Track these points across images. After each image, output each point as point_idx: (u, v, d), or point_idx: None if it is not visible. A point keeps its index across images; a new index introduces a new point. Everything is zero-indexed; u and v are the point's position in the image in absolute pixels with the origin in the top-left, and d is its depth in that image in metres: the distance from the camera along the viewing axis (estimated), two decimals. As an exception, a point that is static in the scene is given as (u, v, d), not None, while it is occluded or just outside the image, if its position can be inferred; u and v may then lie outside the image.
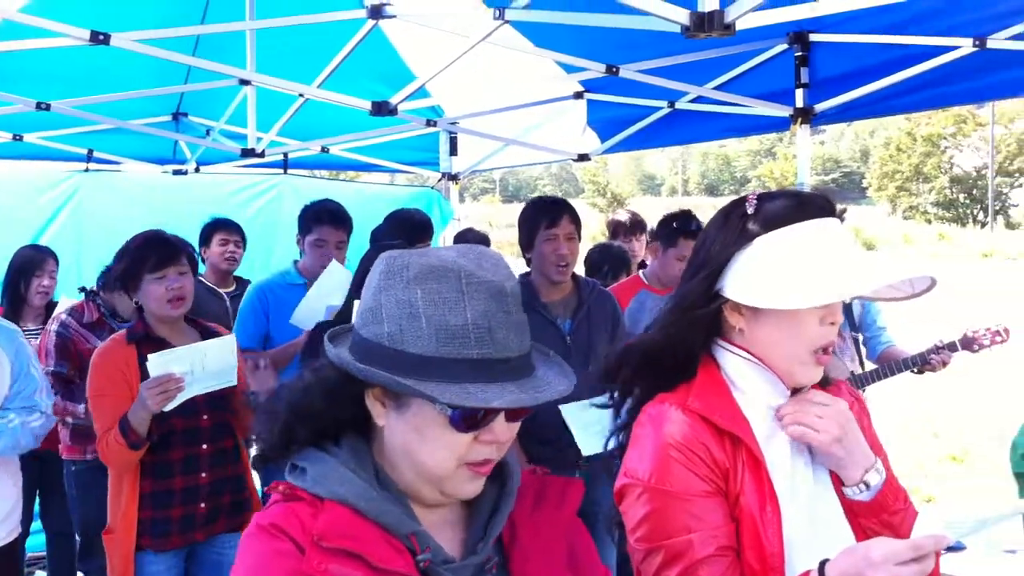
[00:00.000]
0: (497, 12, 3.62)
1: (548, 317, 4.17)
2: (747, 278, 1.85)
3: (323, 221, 4.88)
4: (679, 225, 4.86)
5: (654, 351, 1.94)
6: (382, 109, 4.78)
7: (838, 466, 1.89)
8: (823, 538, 1.84)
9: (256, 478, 4.01)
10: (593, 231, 16.38)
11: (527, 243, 4.28)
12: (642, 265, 6.27)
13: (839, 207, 1.91)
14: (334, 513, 1.46)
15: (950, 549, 1.56)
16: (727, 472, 1.83)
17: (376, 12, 3.95)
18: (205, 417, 3.75)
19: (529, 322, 4.47)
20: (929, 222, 49.64)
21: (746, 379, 1.90)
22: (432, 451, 1.46)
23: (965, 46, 4.29)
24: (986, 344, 4.76)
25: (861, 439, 1.90)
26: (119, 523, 3.66)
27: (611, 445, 2.02)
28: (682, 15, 2.66)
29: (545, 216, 4.23)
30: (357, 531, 1.45)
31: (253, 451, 3.71)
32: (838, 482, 1.90)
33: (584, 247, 4.70)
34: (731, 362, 1.92)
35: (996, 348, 4.79)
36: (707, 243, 1.94)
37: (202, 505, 3.74)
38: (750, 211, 1.88)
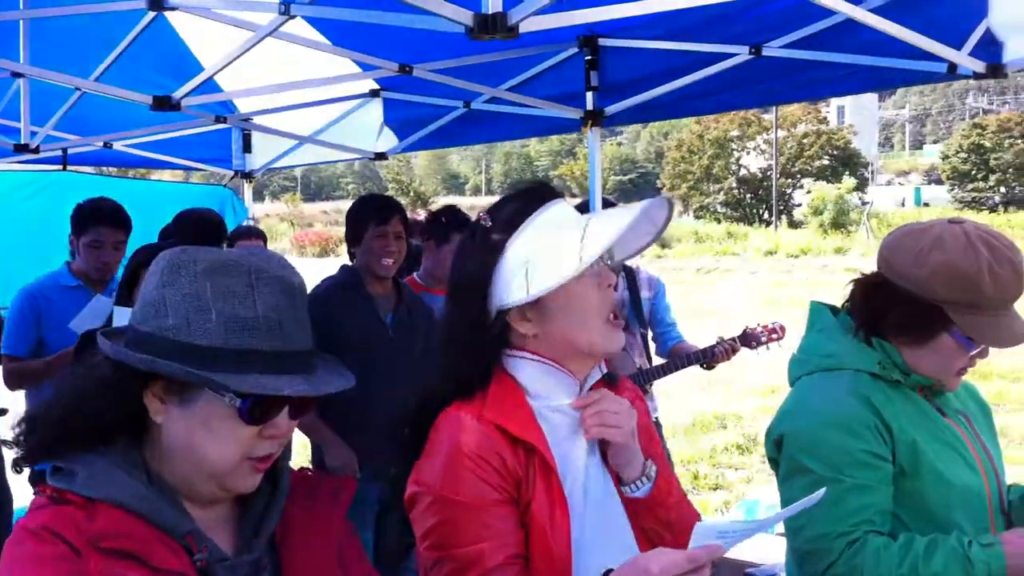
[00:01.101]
0: (283, 6, 3.53)
1: (374, 306, 4.27)
2: (517, 279, 1.86)
3: (99, 221, 4.62)
4: (448, 220, 4.89)
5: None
6: (164, 104, 4.59)
7: (626, 462, 1.93)
8: (614, 540, 1.88)
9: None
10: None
11: (355, 238, 4.36)
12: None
13: (557, 191, 1.98)
14: (110, 514, 1.43)
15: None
16: (520, 480, 1.84)
17: (156, 3, 3.79)
18: None
19: (358, 309, 4.63)
20: (719, 221, 51.61)
21: (539, 384, 1.91)
22: (218, 445, 1.47)
23: (742, 54, 4.48)
24: (763, 341, 4.97)
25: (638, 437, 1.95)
26: None
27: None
28: (466, 16, 2.65)
29: (377, 214, 4.33)
30: (134, 531, 1.43)
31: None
32: (618, 484, 1.94)
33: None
34: (523, 369, 1.92)
35: (773, 346, 5.00)
36: (461, 267, 1.96)
37: None
38: (488, 225, 1.92)
